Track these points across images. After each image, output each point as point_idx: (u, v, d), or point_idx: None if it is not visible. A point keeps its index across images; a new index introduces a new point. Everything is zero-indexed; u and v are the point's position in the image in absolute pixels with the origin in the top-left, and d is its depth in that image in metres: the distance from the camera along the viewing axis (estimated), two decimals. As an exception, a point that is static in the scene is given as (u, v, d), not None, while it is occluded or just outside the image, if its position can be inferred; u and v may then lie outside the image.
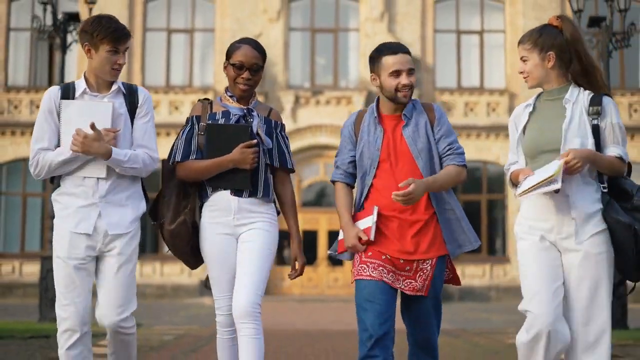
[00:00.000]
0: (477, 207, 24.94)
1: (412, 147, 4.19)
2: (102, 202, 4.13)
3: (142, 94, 4.30)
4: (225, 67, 4.43)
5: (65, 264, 4.08)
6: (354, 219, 4.23)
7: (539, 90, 4.11)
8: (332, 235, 25.52)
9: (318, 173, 25.51)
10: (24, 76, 25.95)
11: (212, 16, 25.93)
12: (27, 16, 26.02)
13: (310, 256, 25.22)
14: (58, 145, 4.15)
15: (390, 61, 4.17)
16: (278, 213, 4.41)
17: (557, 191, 3.83)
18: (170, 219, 4.29)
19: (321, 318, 15.99)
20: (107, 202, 4.14)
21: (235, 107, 4.36)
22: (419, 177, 4.13)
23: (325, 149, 24.92)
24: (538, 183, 3.80)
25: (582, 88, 4.01)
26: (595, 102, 3.96)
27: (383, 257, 4.14)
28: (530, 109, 4.08)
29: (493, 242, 25.58)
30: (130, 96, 4.25)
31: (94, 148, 4.03)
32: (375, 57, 4.23)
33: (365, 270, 4.15)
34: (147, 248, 25.35)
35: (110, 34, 4.09)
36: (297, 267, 4.39)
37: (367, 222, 4.16)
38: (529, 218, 4.00)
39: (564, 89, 4.03)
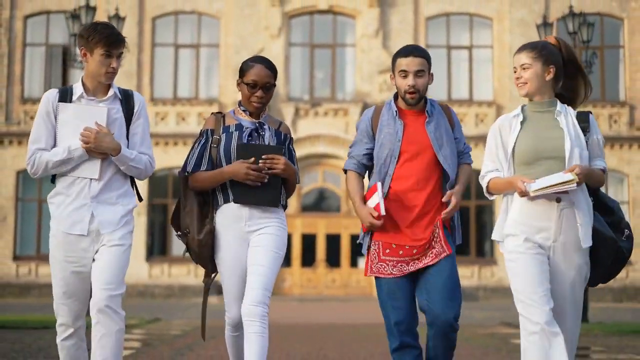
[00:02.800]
0: (467, 212, 26.05)
1: (434, 142, 4.35)
2: (93, 202, 4.16)
3: (137, 99, 4.33)
4: (238, 85, 4.51)
5: (61, 267, 4.14)
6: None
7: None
8: (330, 239, 26.59)
9: (317, 180, 26.65)
10: (39, 88, 26.87)
11: (217, 32, 27.12)
12: (41, 32, 27.20)
13: (309, 258, 26.46)
14: (54, 146, 4.20)
15: (400, 62, 4.36)
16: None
17: (563, 194, 4.01)
18: (197, 228, 4.38)
19: (320, 315, 17.13)
20: (99, 201, 4.17)
21: (247, 121, 4.47)
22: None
23: (323, 157, 26.15)
24: (555, 184, 3.91)
25: (565, 104, 4.17)
26: (583, 119, 4.13)
27: (400, 252, 4.31)
28: (521, 118, 4.13)
29: (481, 245, 26.79)
30: (127, 101, 4.29)
31: (106, 143, 4.11)
32: (393, 59, 4.44)
33: (385, 269, 4.30)
34: (155, 251, 26.67)
35: (104, 39, 4.14)
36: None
37: (375, 199, 4.31)
38: (521, 222, 4.08)
39: (553, 102, 4.14)
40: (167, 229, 26.30)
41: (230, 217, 4.38)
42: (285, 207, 4.51)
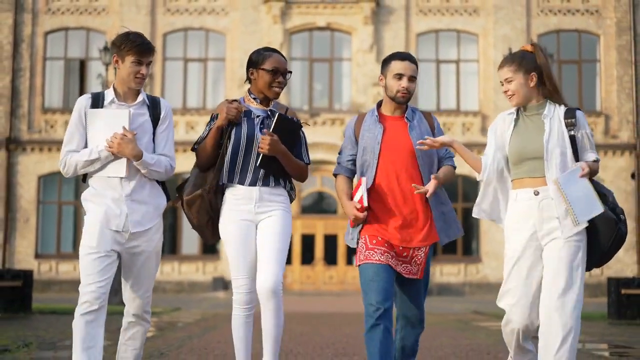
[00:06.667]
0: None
1: (414, 145, 4.46)
2: (127, 200, 4.29)
3: (164, 106, 4.47)
4: (252, 74, 4.60)
5: (92, 253, 4.25)
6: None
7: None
8: (328, 239, 28.05)
9: (316, 185, 28.11)
10: (58, 99, 28.52)
11: (223, 47, 28.64)
12: (60, 47, 28.74)
13: (308, 257, 28.04)
14: (85, 148, 4.33)
15: (396, 66, 4.53)
16: (291, 200, 4.71)
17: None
18: (188, 191, 4.58)
19: (318, 307, 18.42)
20: (132, 199, 4.30)
21: (258, 109, 4.60)
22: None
23: (322, 163, 27.28)
24: (566, 201, 4.10)
25: (556, 104, 4.27)
26: (570, 115, 4.21)
27: (386, 244, 4.46)
28: (514, 116, 4.30)
29: (468, 244, 28.37)
30: (154, 107, 4.42)
31: (129, 149, 4.23)
32: (386, 61, 4.59)
33: (373, 256, 4.43)
34: (166, 249, 28.16)
35: (135, 47, 4.28)
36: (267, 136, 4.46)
37: (359, 194, 4.46)
38: (514, 220, 4.27)
39: (542, 105, 4.26)
40: (177, 229, 27.94)
41: (240, 198, 4.56)
42: (291, 191, 4.70)
